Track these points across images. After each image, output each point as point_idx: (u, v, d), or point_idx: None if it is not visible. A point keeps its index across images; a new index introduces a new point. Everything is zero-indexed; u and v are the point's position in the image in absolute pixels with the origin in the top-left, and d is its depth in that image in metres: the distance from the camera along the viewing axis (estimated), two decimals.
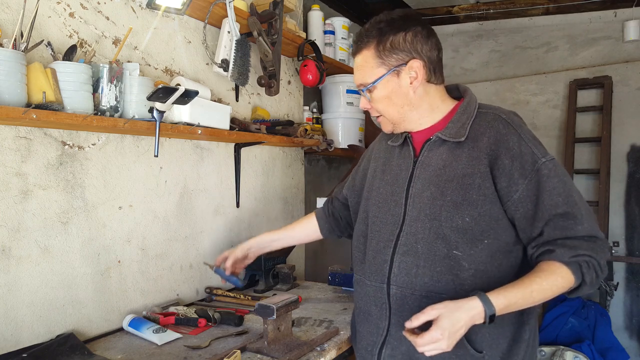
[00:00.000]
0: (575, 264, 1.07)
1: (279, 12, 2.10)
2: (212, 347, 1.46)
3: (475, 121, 1.21)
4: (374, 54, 1.21)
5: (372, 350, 1.28)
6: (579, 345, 2.72)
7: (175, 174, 1.90)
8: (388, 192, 1.30)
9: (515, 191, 1.13)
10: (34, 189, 1.41)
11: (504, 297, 1.05)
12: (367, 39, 1.22)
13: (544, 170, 1.12)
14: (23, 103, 1.24)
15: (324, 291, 2.16)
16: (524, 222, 1.14)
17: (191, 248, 1.98)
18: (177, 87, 1.47)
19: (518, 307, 1.09)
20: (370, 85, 1.23)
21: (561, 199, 1.10)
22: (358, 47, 1.25)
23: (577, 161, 3.30)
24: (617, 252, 3.15)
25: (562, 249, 1.08)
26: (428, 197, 1.20)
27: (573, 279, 1.07)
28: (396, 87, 1.22)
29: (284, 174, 2.59)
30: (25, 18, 1.28)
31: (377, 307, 1.27)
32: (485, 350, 1.16)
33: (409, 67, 1.20)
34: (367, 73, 1.23)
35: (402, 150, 1.33)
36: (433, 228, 1.17)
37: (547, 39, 3.52)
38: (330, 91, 2.97)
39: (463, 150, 1.19)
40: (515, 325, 1.20)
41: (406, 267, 1.21)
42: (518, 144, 1.14)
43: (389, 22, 1.21)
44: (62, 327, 1.49)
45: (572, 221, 1.09)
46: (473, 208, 1.14)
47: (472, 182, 1.15)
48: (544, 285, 1.06)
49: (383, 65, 1.21)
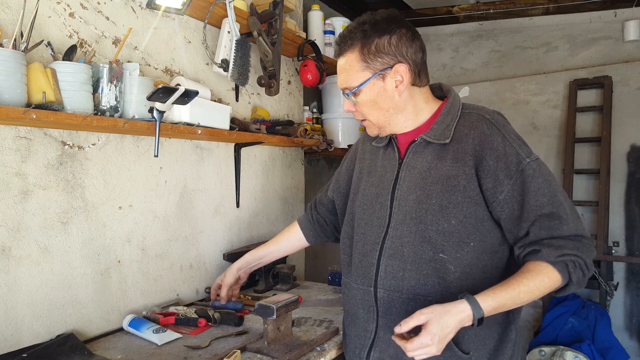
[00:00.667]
0: (561, 263, 1.08)
1: (279, 12, 2.10)
2: (212, 347, 1.46)
3: (459, 122, 1.21)
4: (358, 57, 1.19)
5: (360, 354, 1.28)
6: (579, 345, 2.72)
7: (175, 174, 1.90)
8: (373, 194, 1.29)
9: (501, 192, 1.13)
10: (34, 189, 1.41)
11: (492, 299, 1.06)
12: (350, 41, 1.20)
13: (528, 170, 1.12)
14: (23, 103, 1.24)
15: (324, 291, 2.16)
16: (509, 223, 1.14)
17: (191, 248, 1.98)
18: (177, 87, 1.47)
19: (506, 308, 1.09)
20: (355, 89, 1.21)
21: (546, 199, 1.11)
22: (341, 49, 1.22)
23: (577, 161, 3.30)
24: (617, 252, 3.15)
25: (548, 249, 1.08)
26: (414, 200, 1.19)
27: (560, 278, 1.08)
28: (381, 91, 1.21)
29: (284, 174, 2.59)
30: (25, 18, 1.28)
31: (364, 310, 1.26)
32: (472, 352, 1.16)
33: (395, 71, 1.19)
34: (351, 77, 1.21)
35: (386, 152, 1.32)
36: (419, 232, 1.17)
37: (547, 39, 3.52)
38: (330, 91, 2.97)
39: (448, 152, 1.18)
40: (501, 325, 1.21)
41: (392, 270, 1.20)
42: (502, 144, 1.15)
43: (372, 23, 1.19)
44: (62, 327, 1.49)
45: (558, 221, 1.10)
46: (459, 210, 1.14)
47: (457, 184, 1.15)
48: (531, 286, 1.07)
49: (368, 69, 1.19)
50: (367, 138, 1.42)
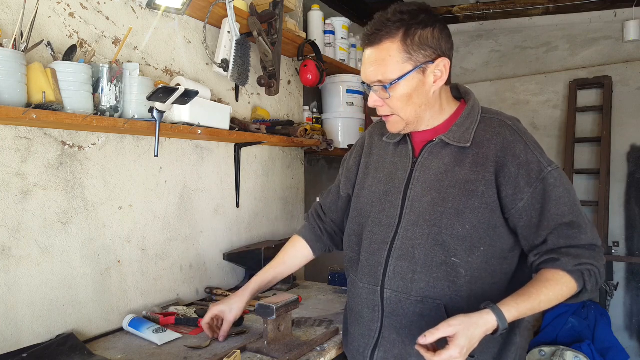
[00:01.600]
0: (578, 272, 1.08)
1: (279, 12, 2.10)
2: (212, 347, 1.46)
3: (479, 126, 1.18)
4: (400, 48, 1.11)
5: (364, 352, 1.27)
6: (579, 345, 2.72)
7: (175, 174, 1.90)
8: (382, 191, 1.26)
9: (521, 199, 1.12)
10: (34, 189, 1.41)
11: (516, 310, 1.04)
12: (388, 30, 1.11)
13: (550, 179, 1.12)
14: (23, 103, 1.24)
15: (324, 291, 2.16)
16: (527, 230, 1.13)
17: (191, 248, 1.98)
18: (177, 87, 1.47)
19: (524, 316, 1.09)
20: (394, 82, 1.12)
21: (567, 209, 1.11)
22: (376, 37, 1.12)
23: (577, 161, 3.30)
24: (617, 252, 3.15)
25: (566, 258, 1.08)
26: (428, 202, 1.17)
27: (576, 286, 1.08)
28: (420, 86, 1.14)
29: (284, 174, 2.59)
30: (25, 18, 1.28)
31: (369, 310, 1.25)
32: (477, 355, 1.15)
33: (436, 65, 1.14)
34: (390, 68, 1.12)
35: (398, 149, 1.28)
36: (432, 234, 1.15)
37: (547, 39, 3.52)
38: (330, 91, 2.97)
39: (467, 156, 1.16)
40: (507, 330, 1.21)
41: (401, 271, 1.18)
42: (525, 152, 1.13)
43: (412, 14, 1.12)
44: (62, 327, 1.49)
45: (577, 230, 1.10)
46: (474, 216, 1.13)
47: (475, 189, 1.13)
48: (550, 296, 1.07)
49: (410, 60, 1.11)
50: (376, 133, 1.38)
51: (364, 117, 3.03)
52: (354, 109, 2.96)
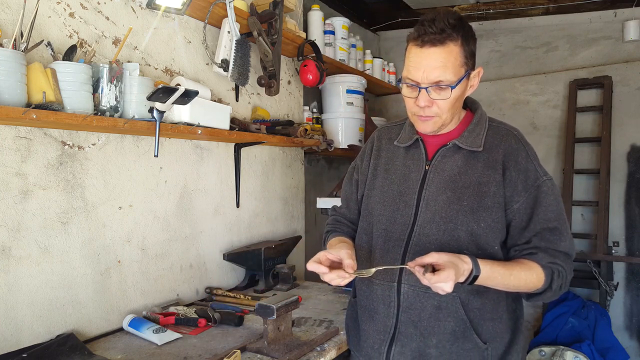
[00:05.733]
0: (549, 269, 1.17)
1: (279, 12, 2.11)
2: (212, 347, 1.46)
3: (488, 133, 1.28)
4: (461, 52, 1.16)
5: (379, 348, 1.29)
6: (579, 345, 2.72)
7: (175, 174, 1.90)
8: (395, 192, 1.31)
9: (516, 202, 1.21)
10: (34, 189, 1.41)
11: (490, 268, 1.13)
12: (451, 32, 1.13)
13: (543, 187, 1.22)
14: (23, 103, 1.24)
15: (324, 291, 2.16)
16: (514, 231, 1.23)
17: (191, 248, 1.98)
18: (177, 87, 1.47)
19: (494, 284, 1.16)
20: (456, 84, 1.16)
21: (553, 216, 1.21)
22: (441, 38, 1.13)
23: (577, 161, 3.29)
24: (617, 252, 3.14)
25: (543, 254, 1.18)
26: (444, 200, 1.23)
27: (543, 280, 1.16)
28: (464, 91, 1.23)
29: (284, 174, 2.59)
30: (25, 18, 1.28)
31: (384, 306, 1.28)
32: (489, 342, 1.23)
33: (477, 72, 1.24)
34: (452, 70, 1.15)
35: (410, 152, 1.34)
36: (448, 230, 1.22)
37: (547, 39, 3.51)
38: (330, 91, 2.97)
39: (478, 160, 1.25)
40: (512, 319, 1.29)
41: None
42: (525, 159, 1.24)
43: (462, 21, 1.17)
44: (62, 327, 1.49)
45: (558, 236, 1.20)
46: (488, 215, 1.21)
47: (488, 190, 1.22)
48: (522, 276, 1.16)
49: (465, 65, 1.18)
50: (384, 137, 1.44)
51: (363, 117, 3.03)
52: (354, 109, 2.96)
